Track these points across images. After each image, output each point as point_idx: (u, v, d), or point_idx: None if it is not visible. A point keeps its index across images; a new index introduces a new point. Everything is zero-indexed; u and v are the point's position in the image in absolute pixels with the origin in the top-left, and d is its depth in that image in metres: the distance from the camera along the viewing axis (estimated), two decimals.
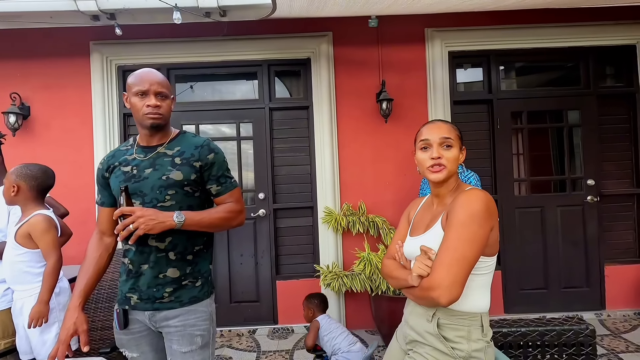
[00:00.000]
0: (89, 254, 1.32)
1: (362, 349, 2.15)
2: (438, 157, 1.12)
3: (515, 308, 3.21)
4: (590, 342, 1.50)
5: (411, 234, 1.24)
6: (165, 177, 1.23)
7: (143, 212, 1.15)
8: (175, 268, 1.24)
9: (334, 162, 3.14)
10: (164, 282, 1.24)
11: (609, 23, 3.16)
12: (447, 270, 0.99)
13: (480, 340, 1.08)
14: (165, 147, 1.29)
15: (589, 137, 3.26)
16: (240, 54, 3.19)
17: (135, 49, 3.13)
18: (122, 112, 3.19)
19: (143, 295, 1.24)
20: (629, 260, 3.26)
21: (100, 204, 1.35)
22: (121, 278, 1.31)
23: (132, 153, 1.30)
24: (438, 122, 1.19)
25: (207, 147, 1.30)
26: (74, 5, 2.43)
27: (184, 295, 1.26)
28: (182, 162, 1.25)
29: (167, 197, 1.22)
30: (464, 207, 1.04)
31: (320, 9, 2.37)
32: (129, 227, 1.13)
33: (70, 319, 1.23)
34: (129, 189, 1.21)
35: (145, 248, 1.23)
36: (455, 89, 3.27)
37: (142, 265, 1.24)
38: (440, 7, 2.37)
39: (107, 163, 1.32)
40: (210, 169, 1.28)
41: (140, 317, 1.27)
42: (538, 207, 3.27)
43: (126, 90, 1.28)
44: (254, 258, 3.22)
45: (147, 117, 1.23)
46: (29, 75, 3.10)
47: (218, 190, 1.31)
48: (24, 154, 3.04)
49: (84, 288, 1.27)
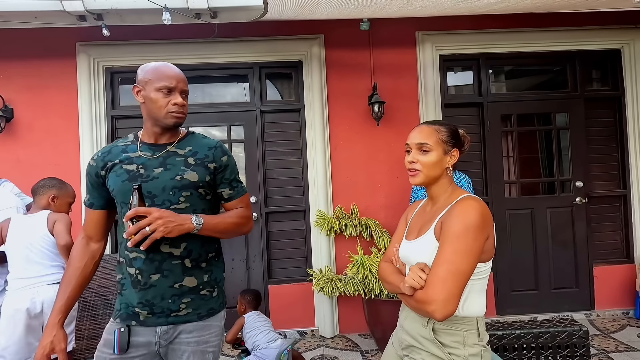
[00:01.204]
0: (73, 263, 1.20)
1: (281, 346, 2.15)
2: (411, 162, 1.14)
3: (507, 309, 3.23)
4: (583, 343, 1.51)
5: (407, 237, 1.23)
6: (179, 177, 1.14)
7: (161, 213, 1.05)
8: (192, 276, 1.15)
9: (326, 165, 3.13)
10: (181, 293, 1.13)
11: (595, 28, 3.23)
12: (442, 285, 0.98)
13: (476, 345, 1.07)
14: (176, 146, 1.20)
15: (576, 140, 3.31)
16: (231, 56, 3.15)
17: (123, 51, 3.07)
18: (109, 114, 3.12)
19: (156, 308, 1.12)
20: (617, 260, 3.31)
21: (88, 205, 1.22)
22: (123, 290, 1.17)
23: (136, 150, 1.19)
24: (423, 125, 1.18)
25: (220, 148, 1.24)
26: (60, 6, 2.37)
27: (201, 307, 1.17)
28: (196, 163, 1.18)
29: (181, 199, 1.14)
30: (458, 218, 1.03)
31: (312, 11, 2.36)
32: (144, 230, 1.03)
33: (48, 337, 1.12)
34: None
35: (156, 255, 1.11)
36: (446, 92, 3.30)
37: (152, 275, 1.11)
38: (432, 11, 2.38)
39: (102, 160, 1.18)
40: (224, 172, 1.23)
41: (146, 337, 1.13)
42: (528, 209, 3.30)
43: (139, 82, 1.18)
44: (245, 262, 3.17)
45: (171, 116, 1.15)
46: (13, 77, 3.01)
47: (230, 195, 1.26)
48: (7, 157, 2.96)
49: (65, 303, 1.16)
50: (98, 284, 2.00)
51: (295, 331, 3.09)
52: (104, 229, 1.26)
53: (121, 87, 3.21)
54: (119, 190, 1.14)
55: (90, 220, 1.23)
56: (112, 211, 1.26)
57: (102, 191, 1.20)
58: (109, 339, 1.14)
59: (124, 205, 1.15)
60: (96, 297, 1.97)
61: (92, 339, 1.88)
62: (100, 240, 1.25)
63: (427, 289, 1.01)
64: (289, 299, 3.12)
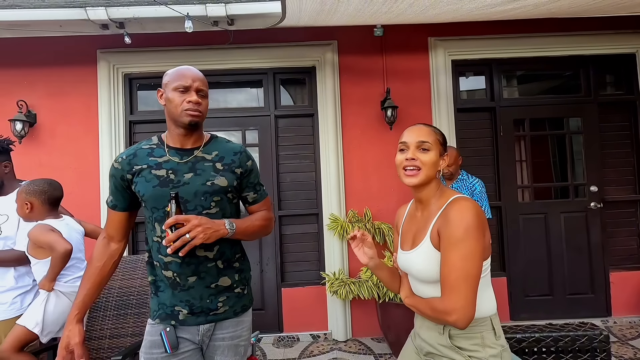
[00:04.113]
0: (93, 262, 1.25)
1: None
2: (412, 159, 1.10)
3: (521, 315, 3.20)
4: (604, 347, 1.50)
5: (402, 246, 1.22)
6: (210, 182, 1.17)
7: (199, 220, 1.08)
8: (226, 276, 1.21)
9: (339, 169, 3.16)
10: (217, 292, 1.20)
11: (608, 32, 3.22)
12: (458, 293, 0.99)
13: (495, 345, 1.07)
14: (202, 151, 1.22)
15: (590, 144, 3.29)
16: (246, 62, 3.22)
17: (142, 57, 3.15)
18: (128, 119, 3.20)
19: (195, 308, 1.17)
20: (634, 266, 3.27)
21: (111, 206, 1.24)
22: (159, 292, 1.21)
23: (163, 154, 1.20)
24: (420, 125, 1.16)
25: (245, 153, 1.28)
26: (85, 15, 2.46)
27: (237, 304, 1.24)
28: (224, 168, 1.22)
29: (212, 204, 1.17)
30: (457, 222, 1.02)
31: (329, 19, 2.41)
32: (184, 237, 1.06)
33: (65, 331, 1.18)
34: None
35: (192, 259, 1.15)
36: (458, 97, 3.31)
37: (190, 278, 1.16)
38: (447, 17, 2.41)
39: (128, 164, 1.19)
40: (249, 176, 1.27)
41: (188, 334, 1.19)
42: (542, 214, 3.28)
43: (162, 86, 1.21)
44: (259, 265, 3.20)
45: (186, 114, 1.16)
46: (36, 83, 3.11)
47: (255, 198, 1.30)
48: (30, 162, 3.04)
49: (82, 299, 1.21)
50: (119, 284, 2.04)
51: (309, 334, 3.10)
52: (126, 229, 1.29)
53: (139, 93, 3.29)
54: (150, 195, 1.16)
55: (112, 221, 1.25)
56: (133, 213, 1.29)
57: (126, 194, 1.22)
58: (155, 340, 1.18)
59: (155, 210, 1.17)
60: (118, 298, 2.01)
61: (114, 338, 1.92)
62: (121, 241, 1.28)
63: (443, 300, 1.01)
64: (302, 302, 3.14)
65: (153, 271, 1.23)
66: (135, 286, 2.03)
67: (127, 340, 1.93)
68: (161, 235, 1.16)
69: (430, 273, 1.08)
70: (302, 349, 2.94)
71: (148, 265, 1.25)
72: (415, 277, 1.15)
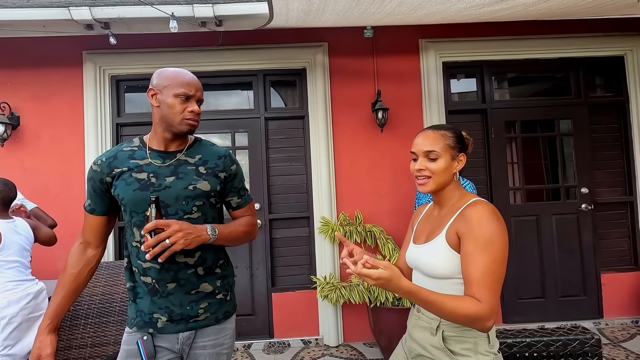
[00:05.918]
0: (68, 269, 1.19)
1: None
2: (420, 169, 1.12)
3: (514, 318, 3.18)
4: (596, 351, 1.47)
5: (414, 241, 1.22)
6: (192, 187, 1.14)
7: (180, 225, 1.05)
8: (206, 283, 1.18)
9: (330, 171, 3.12)
10: (198, 299, 1.16)
11: (598, 35, 3.24)
12: (496, 298, 0.99)
13: (487, 352, 1.05)
14: (185, 154, 1.20)
15: (581, 146, 3.30)
16: (236, 63, 3.18)
17: (130, 59, 3.10)
18: (115, 122, 3.14)
19: (175, 315, 1.14)
20: (625, 268, 3.27)
21: (89, 210, 1.19)
22: (137, 298, 1.18)
23: (144, 157, 1.17)
24: (428, 131, 1.14)
25: (229, 157, 1.25)
26: (68, 15, 2.40)
27: (218, 311, 1.20)
28: (207, 172, 1.19)
29: (194, 209, 1.15)
30: (483, 225, 1.01)
31: (317, 19, 2.39)
32: (164, 242, 1.03)
33: (36, 342, 1.13)
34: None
35: (172, 265, 1.12)
36: (449, 99, 3.31)
37: (169, 284, 1.13)
38: (436, 18, 2.40)
39: (108, 166, 1.15)
40: (233, 181, 1.25)
41: (167, 343, 1.15)
42: (533, 216, 3.28)
43: (156, 86, 1.17)
44: (249, 270, 3.15)
45: (186, 123, 1.15)
46: (19, 85, 3.04)
47: (239, 203, 1.28)
48: (12, 165, 2.97)
49: (55, 308, 1.15)
50: (102, 291, 1.98)
51: (300, 340, 3.05)
52: (103, 235, 1.24)
53: (127, 95, 3.23)
54: (130, 199, 1.12)
55: (90, 226, 1.20)
56: (112, 217, 1.24)
57: (105, 197, 1.17)
58: (132, 349, 1.14)
59: (134, 214, 1.14)
60: (100, 305, 1.95)
61: (96, 347, 1.86)
62: (98, 247, 1.23)
63: (483, 304, 0.96)
64: (293, 307, 3.09)
65: (132, 277, 1.19)
66: (118, 292, 1.98)
67: (109, 348, 1.87)
68: (140, 240, 1.12)
69: (438, 268, 1.07)
70: (293, 355, 2.89)
71: (127, 271, 1.20)
72: (422, 270, 1.13)
